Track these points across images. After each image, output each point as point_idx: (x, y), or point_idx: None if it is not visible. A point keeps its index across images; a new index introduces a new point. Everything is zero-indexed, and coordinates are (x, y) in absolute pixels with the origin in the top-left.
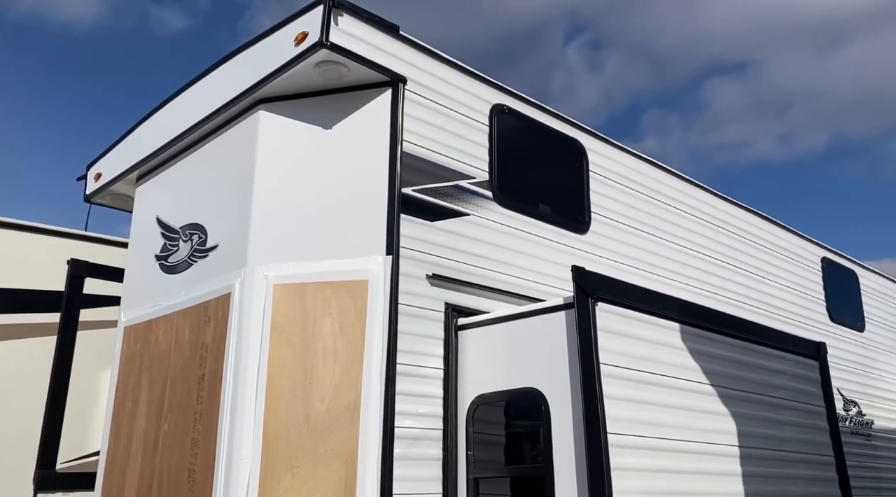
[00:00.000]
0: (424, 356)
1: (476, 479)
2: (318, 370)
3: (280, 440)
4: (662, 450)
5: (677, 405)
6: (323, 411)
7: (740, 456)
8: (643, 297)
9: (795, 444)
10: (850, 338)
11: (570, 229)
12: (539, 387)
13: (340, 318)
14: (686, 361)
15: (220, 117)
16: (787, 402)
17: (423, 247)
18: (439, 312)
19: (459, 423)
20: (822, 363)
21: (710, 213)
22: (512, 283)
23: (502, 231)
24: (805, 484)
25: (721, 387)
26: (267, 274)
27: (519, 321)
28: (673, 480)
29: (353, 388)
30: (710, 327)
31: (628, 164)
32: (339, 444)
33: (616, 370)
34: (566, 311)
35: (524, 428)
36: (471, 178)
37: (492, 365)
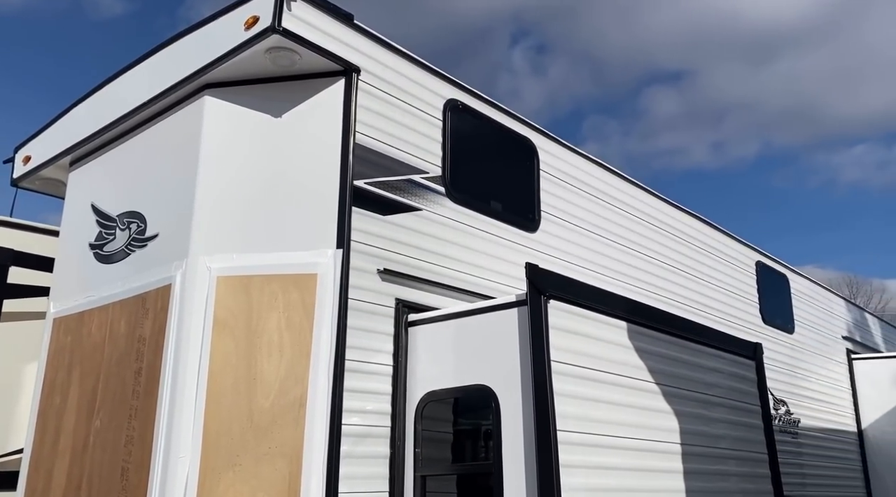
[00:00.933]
0: (373, 352)
1: (424, 477)
2: (262, 366)
3: (221, 437)
4: (608, 447)
5: (623, 403)
6: (267, 408)
7: (683, 453)
8: (593, 295)
9: (733, 441)
10: (780, 339)
11: (520, 227)
12: (489, 384)
13: (287, 313)
14: (632, 359)
15: (163, 101)
16: (725, 401)
17: (374, 241)
18: (389, 308)
19: (408, 420)
20: (759, 363)
21: (653, 215)
22: (462, 280)
23: (454, 227)
24: (740, 480)
25: (664, 385)
26: (210, 265)
27: (470, 318)
28: (617, 477)
29: (300, 385)
30: (656, 326)
31: (577, 164)
32: (284, 441)
33: (566, 367)
34: (518, 309)
35: (473, 425)
36: (423, 173)
37: (442, 362)
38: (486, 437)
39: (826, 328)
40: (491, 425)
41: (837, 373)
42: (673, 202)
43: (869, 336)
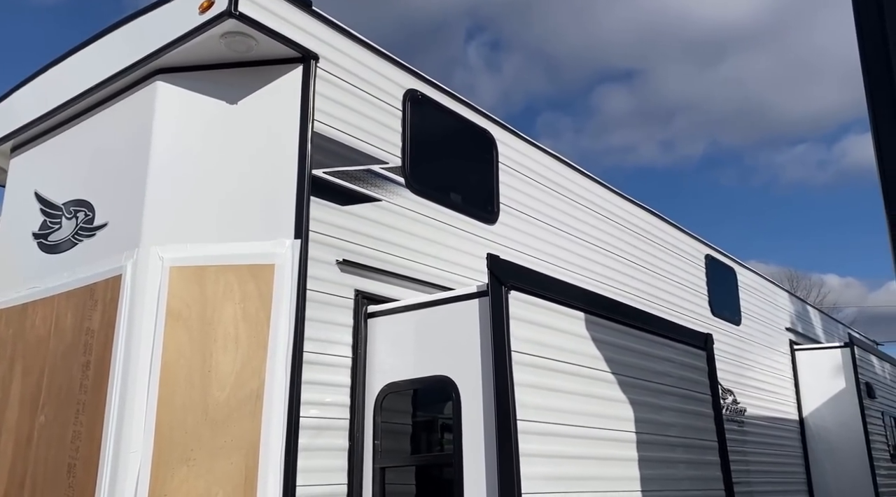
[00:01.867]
0: (332, 344)
1: (383, 469)
2: (217, 358)
3: (175, 431)
4: (565, 435)
5: (580, 392)
6: (223, 401)
7: (637, 441)
8: (553, 286)
9: (684, 429)
10: (728, 331)
11: (479, 219)
12: (450, 374)
13: (243, 304)
14: (590, 349)
15: (113, 86)
16: (677, 390)
17: (333, 231)
18: (349, 299)
19: (367, 412)
20: (709, 353)
21: (608, 209)
22: (422, 271)
23: (414, 218)
24: (690, 467)
25: (620, 374)
26: (163, 255)
27: (431, 309)
28: (574, 465)
29: (256, 377)
30: (613, 317)
31: (536, 157)
32: (240, 434)
33: (526, 358)
34: (479, 300)
35: (433, 416)
36: (383, 163)
37: (402, 353)
38: (445, 429)
39: (770, 320)
40: (451, 416)
41: (781, 363)
42: (627, 196)
43: (810, 327)
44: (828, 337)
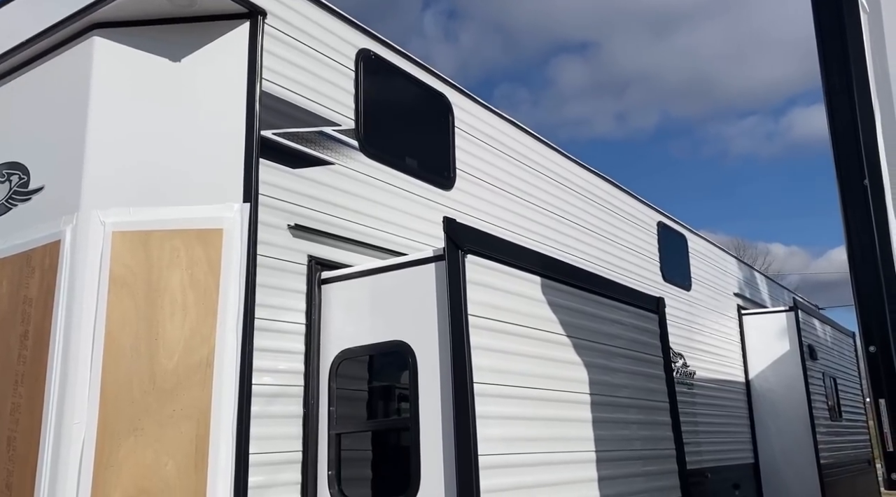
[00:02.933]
0: (285, 310)
1: (338, 435)
2: (164, 325)
3: (120, 401)
4: (521, 397)
5: (536, 355)
6: (171, 369)
7: (592, 402)
8: (509, 250)
9: (637, 390)
10: (678, 296)
11: (435, 185)
12: (406, 339)
13: (191, 270)
14: (545, 313)
15: (46, 42)
16: (630, 352)
17: (283, 195)
18: (301, 265)
19: (322, 378)
20: (661, 317)
21: (564, 175)
22: (376, 237)
23: (367, 183)
24: (643, 427)
25: (575, 337)
26: (104, 220)
27: (386, 274)
28: (529, 427)
29: (206, 345)
30: (568, 281)
31: (492, 123)
32: (190, 403)
33: (482, 321)
34: (436, 264)
35: (389, 382)
36: (335, 125)
37: (357, 319)
38: (401, 394)
39: (719, 285)
40: (407, 381)
41: (729, 327)
42: (583, 164)
43: (757, 293)
44: (773, 302)
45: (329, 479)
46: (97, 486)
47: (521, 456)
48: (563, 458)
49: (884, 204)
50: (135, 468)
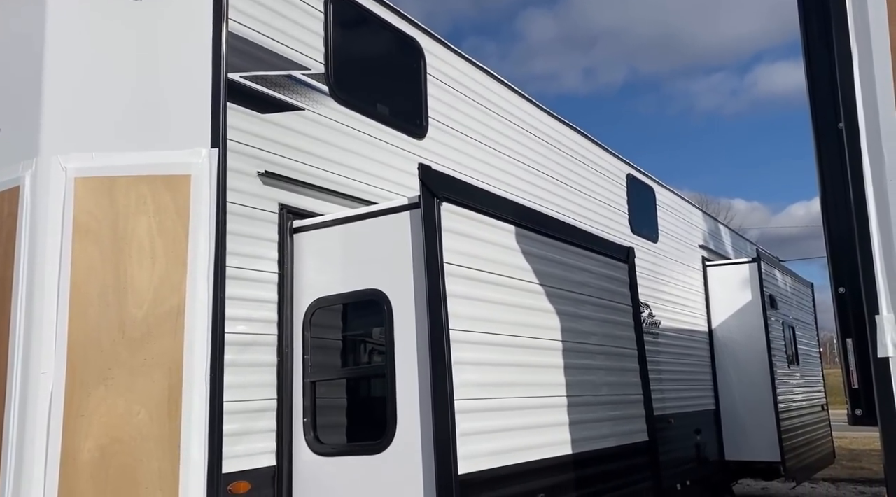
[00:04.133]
0: (256, 259)
1: (313, 383)
2: (133, 274)
3: (89, 351)
4: (495, 344)
5: (510, 303)
6: (140, 318)
7: (563, 349)
8: (484, 198)
9: (606, 337)
10: (646, 248)
11: (407, 133)
12: (381, 288)
13: (159, 217)
14: (519, 261)
15: None
16: (601, 300)
17: (253, 141)
18: (272, 213)
19: (296, 327)
20: (631, 266)
21: (536, 126)
22: (347, 186)
23: (338, 129)
24: (612, 373)
25: (548, 286)
26: (66, 165)
27: (360, 223)
28: (503, 372)
29: (176, 293)
30: (542, 230)
31: (465, 70)
32: (161, 352)
33: (458, 269)
34: (411, 212)
35: (364, 330)
36: (305, 69)
37: (331, 268)
38: (377, 342)
39: (685, 238)
40: (382, 330)
41: (693, 279)
42: (555, 114)
43: (721, 245)
44: (737, 254)
45: (304, 427)
46: (68, 435)
47: (496, 401)
48: (536, 403)
49: (858, 147)
50: (106, 417)
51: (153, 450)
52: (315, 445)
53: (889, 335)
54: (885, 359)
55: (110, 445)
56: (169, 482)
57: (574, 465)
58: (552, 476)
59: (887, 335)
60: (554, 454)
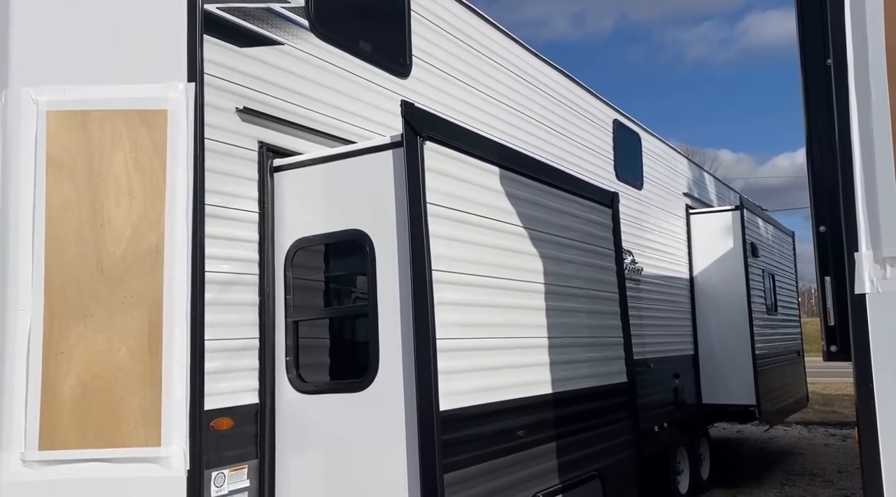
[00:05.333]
0: (236, 198)
1: (295, 323)
2: (110, 211)
3: (67, 288)
4: (478, 285)
5: (492, 244)
6: (119, 256)
7: (545, 292)
8: (469, 138)
9: (588, 281)
10: (631, 194)
11: (390, 72)
12: (363, 228)
13: (135, 153)
14: (502, 204)
15: None
16: (583, 244)
17: (231, 76)
18: (252, 151)
19: (277, 267)
20: (614, 211)
21: (524, 69)
22: (329, 124)
23: (319, 66)
24: (593, 316)
25: (530, 228)
26: (37, 98)
27: (342, 162)
28: (485, 313)
29: (155, 231)
30: (526, 172)
31: (452, 9)
32: (141, 290)
33: (441, 210)
34: (393, 151)
35: (346, 270)
36: (285, 2)
37: (312, 208)
38: (359, 282)
39: (670, 185)
40: (364, 270)
41: (677, 226)
42: (542, 56)
43: (705, 193)
44: (721, 202)
45: (287, 365)
46: (48, 371)
47: (477, 341)
48: (517, 344)
49: (846, 83)
50: (86, 354)
51: (135, 386)
52: (298, 383)
53: (867, 272)
54: (861, 295)
55: (91, 382)
56: (151, 418)
57: (554, 404)
58: (532, 414)
59: (865, 272)
60: (534, 393)
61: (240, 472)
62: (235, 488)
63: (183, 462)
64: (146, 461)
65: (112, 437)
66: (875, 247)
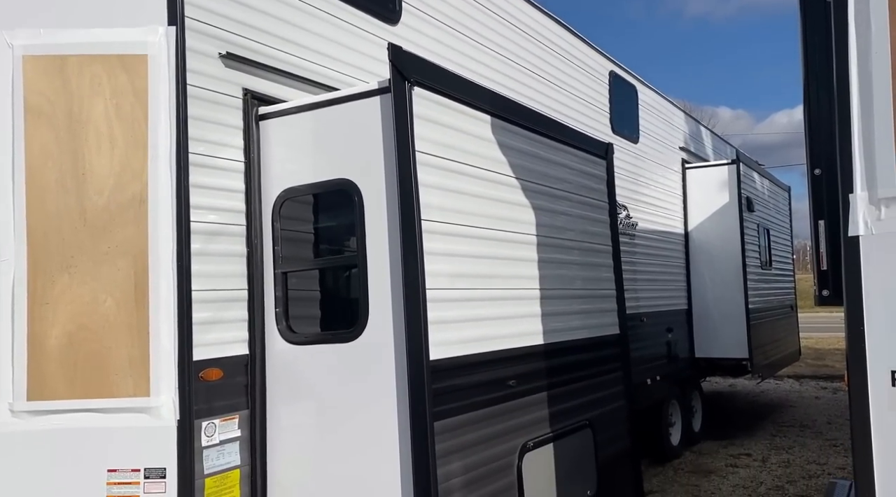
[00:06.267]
0: (221, 146)
1: (284, 274)
2: (91, 159)
3: (50, 238)
4: (468, 236)
5: (483, 195)
6: (102, 206)
7: (538, 244)
8: (458, 85)
9: (581, 233)
10: (626, 148)
11: (379, 18)
12: (351, 177)
13: (116, 100)
14: (494, 153)
15: None
16: (576, 196)
17: (212, 19)
18: (236, 98)
19: (265, 218)
20: (609, 163)
21: (517, 17)
22: (315, 72)
23: (304, 10)
24: (586, 268)
25: (522, 179)
26: (12, 42)
27: (328, 109)
28: (476, 264)
29: (138, 180)
30: (518, 122)
31: None
32: (125, 240)
33: (430, 158)
34: (381, 97)
35: (334, 221)
36: None
37: (298, 158)
38: (348, 233)
39: (666, 139)
40: (353, 221)
41: (672, 181)
42: (537, 4)
43: (701, 147)
44: (717, 157)
45: (277, 316)
46: (34, 322)
47: (467, 291)
48: (508, 295)
49: (845, 18)
50: (72, 305)
51: (122, 337)
52: (287, 334)
53: (861, 213)
54: (855, 238)
55: (78, 333)
56: (139, 369)
57: (545, 354)
58: (523, 364)
59: (859, 213)
60: (525, 344)
61: (231, 422)
62: (227, 438)
63: (173, 412)
64: (135, 411)
65: (101, 388)
66: (871, 187)
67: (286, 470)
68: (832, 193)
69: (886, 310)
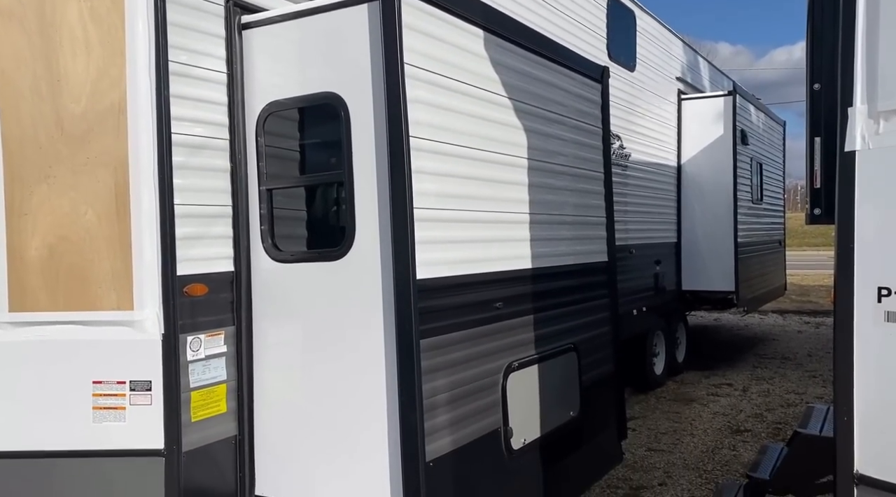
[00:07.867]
0: (202, 56)
1: (269, 191)
2: (66, 65)
3: (26, 147)
4: (457, 156)
5: (474, 114)
6: (79, 114)
7: (528, 167)
8: None
9: (575, 159)
10: (622, 76)
11: None
12: (337, 90)
13: (90, 2)
14: (486, 70)
15: None
16: (570, 120)
17: None
18: (218, 5)
19: (248, 132)
20: (604, 87)
21: None
22: None
23: None
24: (573, 194)
25: (515, 99)
26: None
27: (313, 17)
28: (465, 185)
29: (116, 88)
30: (512, 38)
31: None
32: (104, 151)
33: (420, 72)
34: (368, 4)
35: (320, 137)
36: None
37: (283, 70)
38: (334, 150)
39: (663, 68)
40: (340, 137)
41: (668, 111)
42: None
43: (699, 78)
44: (714, 88)
45: (262, 234)
46: (12, 233)
47: (455, 212)
48: (496, 217)
49: None
50: (51, 216)
51: (104, 249)
52: (273, 252)
53: (859, 128)
54: (851, 153)
55: (58, 244)
56: (122, 282)
57: (532, 278)
58: (510, 287)
59: (857, 128)
60: (512, 267)
61: (216, 338)
62: (212, 353)
63: (157, 326)
64: (119, 324)
65: (83, 300)
66: (871, 100)
67: (273, 385)
68: (830, 109)
69: (877, 226)
